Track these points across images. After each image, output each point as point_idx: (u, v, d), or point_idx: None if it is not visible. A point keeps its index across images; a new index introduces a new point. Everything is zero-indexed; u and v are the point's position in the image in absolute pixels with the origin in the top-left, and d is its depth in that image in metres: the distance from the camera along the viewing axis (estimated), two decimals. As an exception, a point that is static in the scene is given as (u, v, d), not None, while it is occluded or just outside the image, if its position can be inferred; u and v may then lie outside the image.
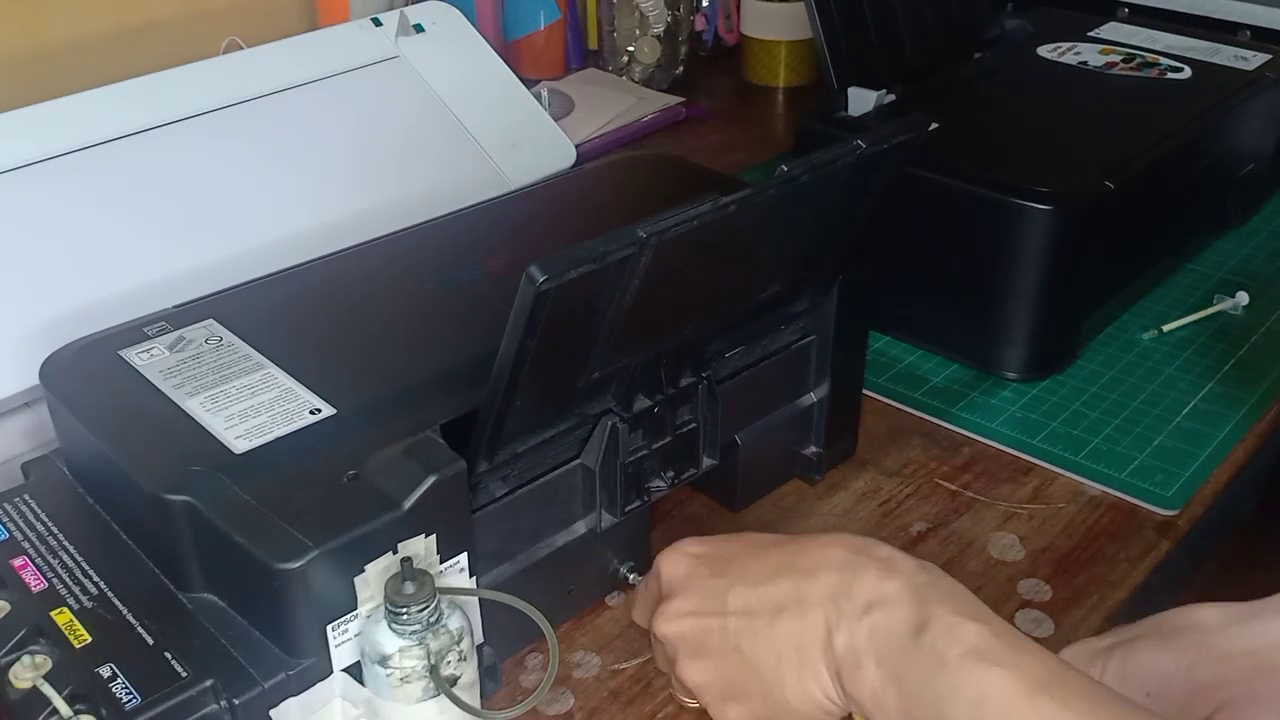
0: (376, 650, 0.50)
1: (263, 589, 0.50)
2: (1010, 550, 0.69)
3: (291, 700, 0.51)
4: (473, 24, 0.99)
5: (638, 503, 0.63)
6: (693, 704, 0.59)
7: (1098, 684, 0.44)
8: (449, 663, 0.50)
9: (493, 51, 0.97)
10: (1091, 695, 0.43)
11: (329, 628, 0.51)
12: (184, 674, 0.50)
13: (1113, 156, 0.83)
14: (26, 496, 0.60)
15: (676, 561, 0.55)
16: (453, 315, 0.64)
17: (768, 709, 0.52)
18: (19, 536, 0.57)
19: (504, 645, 0.61)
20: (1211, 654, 0.52)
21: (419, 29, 0.94)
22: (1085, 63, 1.00)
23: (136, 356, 0.60)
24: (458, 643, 0.51)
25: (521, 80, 0.97)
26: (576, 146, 0.95)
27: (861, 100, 0.89)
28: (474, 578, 0.56)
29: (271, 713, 0.51)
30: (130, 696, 0.49)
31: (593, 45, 1.35)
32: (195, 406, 0.56)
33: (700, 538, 0.56)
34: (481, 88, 0.94)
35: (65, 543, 0.57)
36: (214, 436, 0.55)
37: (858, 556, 0.50)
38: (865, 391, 0.78)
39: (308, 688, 0.51)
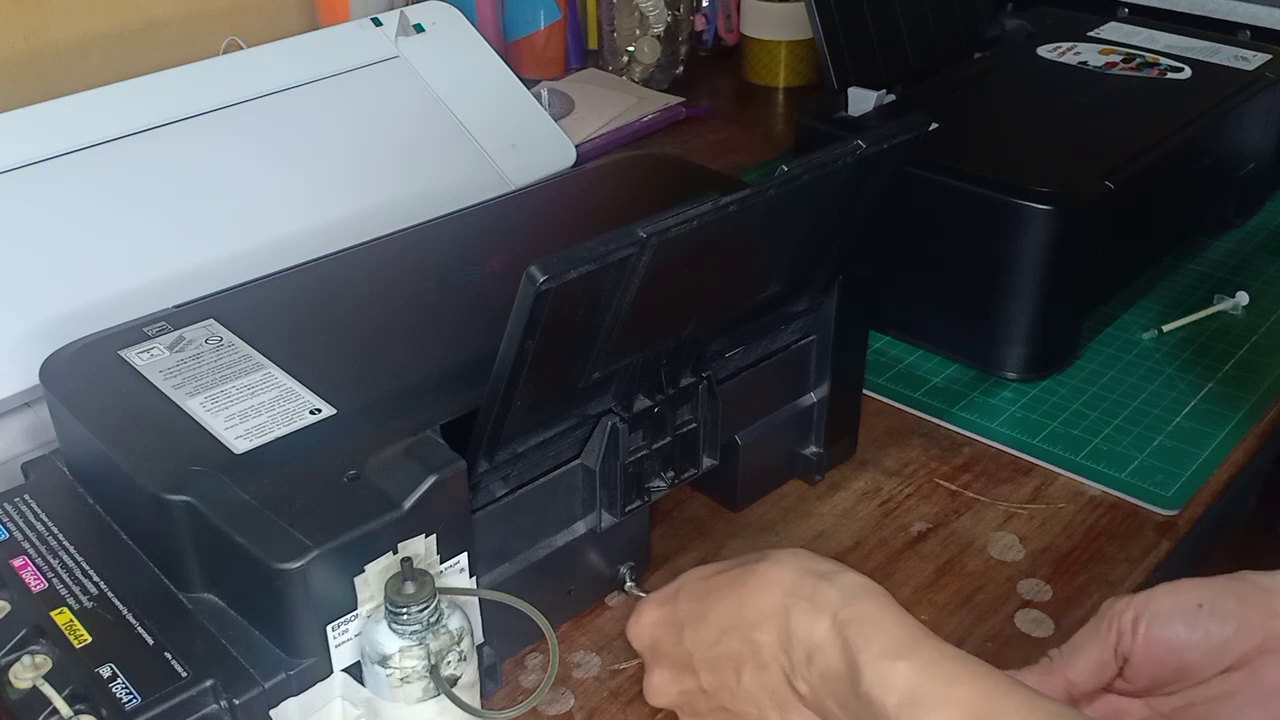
0: (376, 650, 0.50)
1: (263, 589, 0.50)
2: (1010, 550, 0.69)
3: (291, 700, 0.51)
4: (473, 24, 0.99)
5: (638, 503, 0.63)
6: None
7: (1039, 703, 0.44)
8: (449, 663, 0.50)
9: (493, 51, 0.97)
10: (1024, 712, 0.43)
11: (329, 628, 0.51)
12: (184, 674, 0.50)
13: (1113, 156, 0.83)
14: (26, 496, 0.60)
15: (639, 635, 0.56)
16: (453, 315, 0.64)
17: None
18: (19, 536, 0.57)
19: (504, 645, 0.61)
20: (1266, 601, 0.52)
21: (419, 29, 0.94)
22: (1085, 63, 1.00)
23: (136, 356, 0.60)
24: (458, 643, 0.51)
25: (521, 80, 0.97)
26: (576, 146, 0.95)
27: (861, 100, 0.89)
28: (474, 578, 0.56)
29: (271, 713, 0.51)
30: (130, 696, 0.49)
31: (593, 45, 1.35)
32: (195, 406, 0.56)
33: (657, 597, 0.56)
34: (481, 88, 0.94)
35: (65, 543, 0.57)
36: (214, 436, 0.55)
37: (789, 598, 0.49)
38: (865, 391, 0.78)
39: (308, 688, 0.51)
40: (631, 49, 1.28)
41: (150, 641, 0.51)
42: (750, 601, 0.51)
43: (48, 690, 0.49)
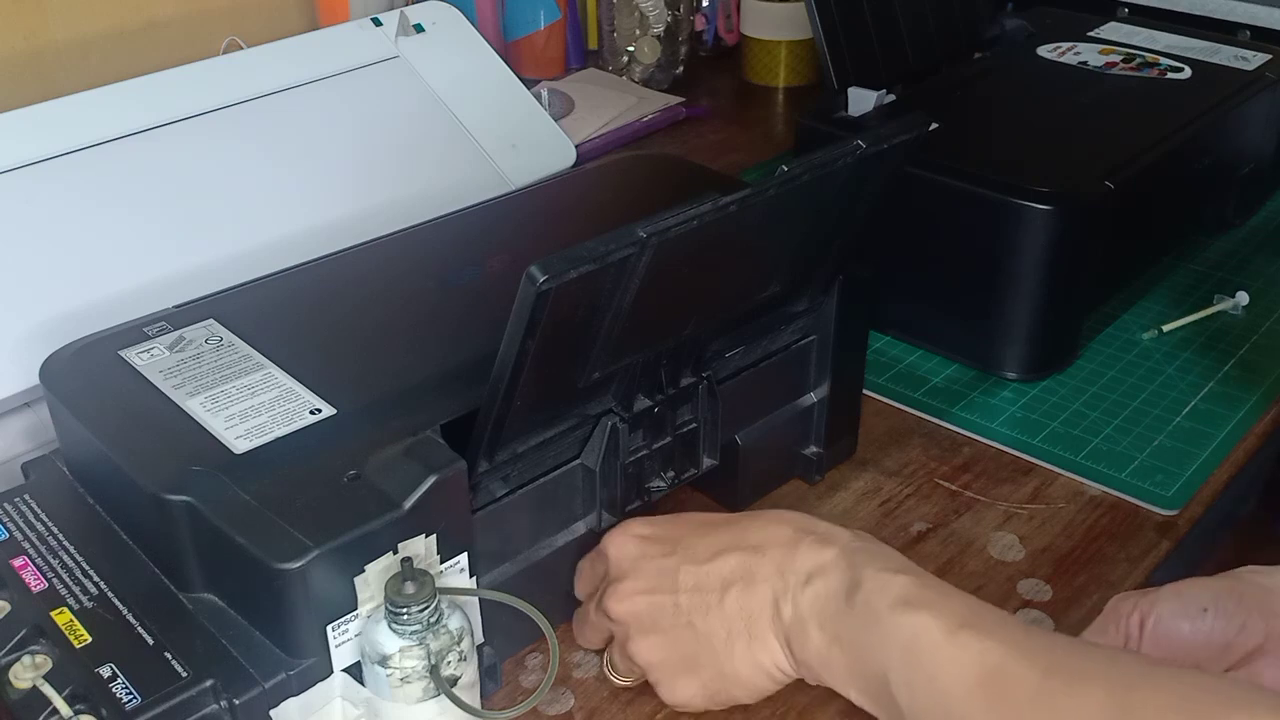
0: (377, 650, 0.50)
1: (263, 589, 0.50)
2: (1010, 550, 0.69)
3: (291, 700, 0.51)
4: (473, 24, 0.99)
5: (638, 503, 0.63)
6: (623, 682, 0.60)
7: (1014, 619, 0.48)
8: (449, 663, 0.50)
9: (493, 51, 0.97)
10: (1008, 625, 0.47)
11: (329, 628, 0.51)
12: (184, 674, 0.50)
13: (1113, 156, 0.83)
14: (26, 496, 0.60)
15: (624, 543, 0.57)
16: (453, 315, 0.64)
17: (718, 681, 0.55)
18: (19, 536, 0.57)
19: (504, 645, 0.60)
20: (1266, 601, 0.53)
21: (419, 29, 0.94)
22: (1085, 63, 1.00)
23: (136, 356, 0.60)
24: (458, 643, 0.51)
25: (521, 80, 0.97)
26: (576, 146, 0.95)
27: (861, 100, 0.89)
28: (474, 578, 0.56)
29: (271, 713, 0.51)
30: (130, 696, 0.49)
31: (593, 45, 1.35)
32: (195, 406, 0.56)
33: (646, 518, 0.59)
34: (481, 88, 0.94)
35: (65, 543, 0.57)
36: (214, 436, 0.55)
37: (798, 532, 0.53)
38: (865, 391, 0.78)
39: (308, 688, 0.51)
40: (631, 49, 1.28)
41: (150, 641, 0.52)
42: (757, 530, 0.55)
43: (48, 690, 0.49)
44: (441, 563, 0.53)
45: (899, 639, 0.48)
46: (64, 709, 0.49)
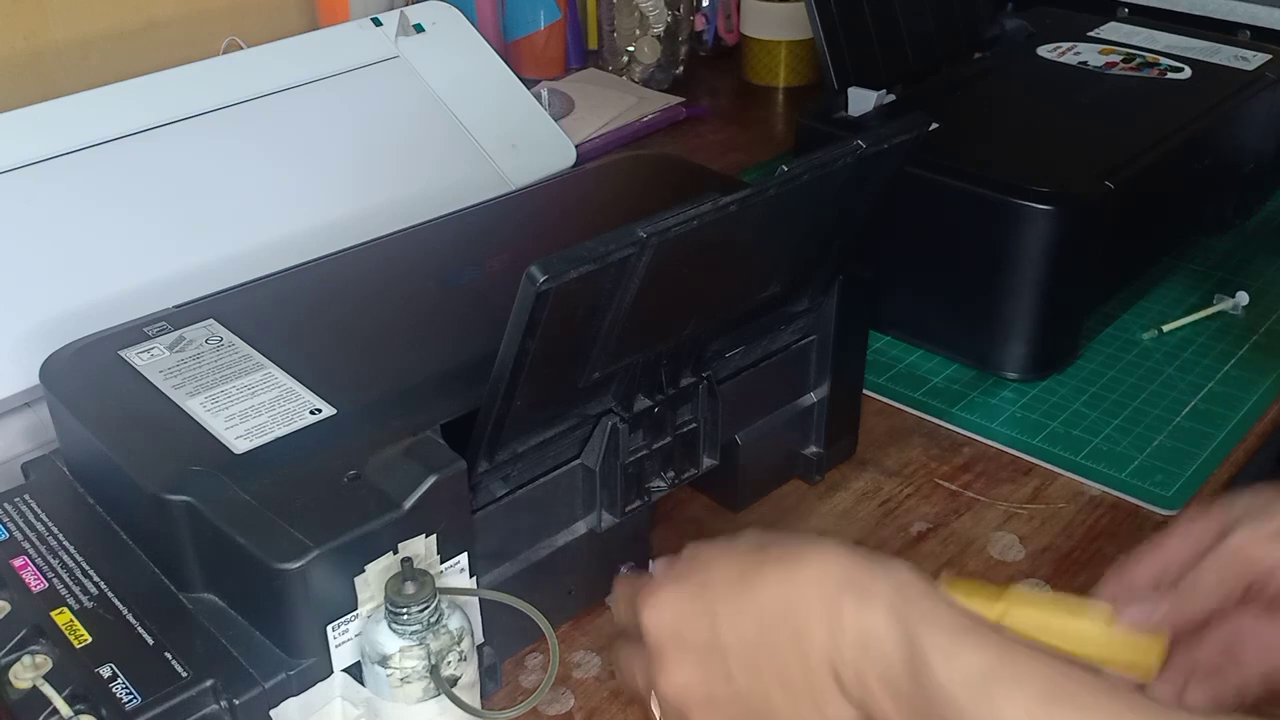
0: (377, 650, 0.50)
1: (263, 589, 0.50)
2: (1010, 550, 0.69)
3: (291, 700, 0.51)
4: (473, 24, 0.99)
5: (638, 503, 0.63)
6: None
7: (1101, 679, 0.43)
8: (449, 663, 0.50)
9: (493, 51, 0.97)
10: (1100, 692, 0.42)
11: (329, 628, 0.51)
12: (184, 674, 0.50)
13: (1113, 156, 0.83)
14: (26, 496, 0.60)
15: (660, 622, 0.51)
16: (453, 315, 0.64)
17: None
18: (19, 536, 0.57)
19: (504, 645, 0.61)
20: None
21: (419, 29, 0.94)
22: (1085, 63, 1.00)
23: (136, 356, 0.60)
24: (458, 643, 0.51)
25: (521, 80, 0.97)
26: (576, 146, 0.95)
27: (861, 100, 0.89)
28: (474, 578, 0.56)
29: (272, 713, 0.51)
30: (130, 696, 0.49)
31: (593, 45, 1.35)
32: (195, 406, 0.56)
33: (669, 583, 0.51)
34: (481, 88, 0.94)
35: (65, 543, 0.57)
36: (214, 436, 0.55)
37: (839, 588, 0.47)
38: (865, 391, 0.78)
39: (308, 688, 0.51)
40: (631, 49, 1.28)
41: (150, 641, 0.51)
42: (798, 592, 0.48)
43: (48, 690, 0.49)
44: (441, 563, 0.53)
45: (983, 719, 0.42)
46: (64, 709, 0.49)
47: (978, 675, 0.42)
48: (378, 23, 0.93)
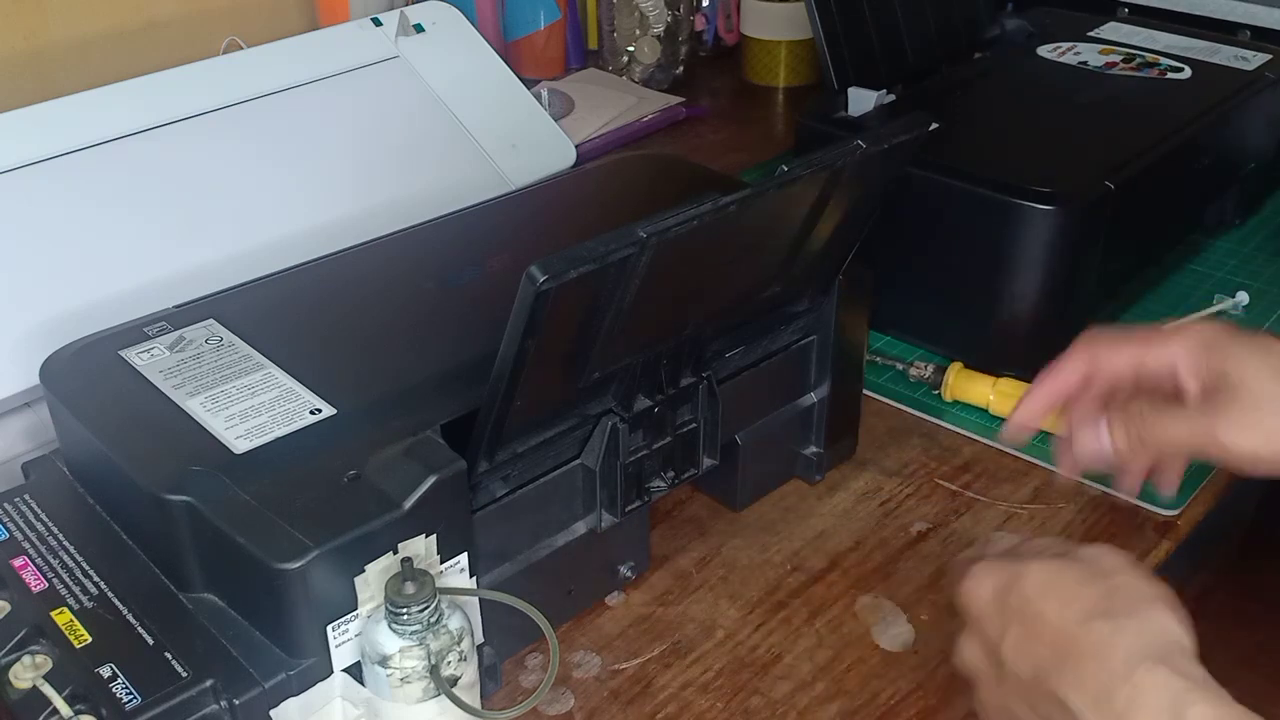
0: (377, 650, 0.50)
1: (263, 589, 0.50)
2: (1010, 550, 0.69)
3: (291, 700, 0.51)
4: (473, 24, 0.99)
5: (638, 503, 0.63)
6: None
7: None
8: (449, 663, 0.50)
9: (493, 51, 0.97)
10: None
11: (329, 628, 0.51)
12: (184, 674, 0.50)
13: (1113, 156, 0.83)
14: (26, 496, 0.60)
15: (972, 601, 0.53)
16: (453, 315, 0.64)
17: None
18: (19, 536, 0.57)
19: (504, 645, 0.61)
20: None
21: (419, 29, 0.94)
22: (1085, 63, 1.00)
23: (136, 356, 0.60)
24: (458, 643, 0.51)
25: (521, 80, 0.97)
26: (576, 146, 0.95)
27: (861, 100, 0.89)
28: (474, 578, 0.56)
29: (272, 713, 0.51)
30: (130, 696, 0.49)
31: (593, 45, 1.35)
32: (195, 406, 0.56)
33: (992, 573, 0.52)
34: (481, 88, 0.94)
35: (65, 543, 0.57)
36: (214, 436, 0.55)
37: (1114, 681, 0.47)
38: (865, 391, 0.78)
39: (308, 688, 0.51)
40: (631, 49, 1.28)
41: (150, 641, 0.51)
42: (1081, 665, 0.48)
43: (48, 690, 0.49)
44: (441, 563, 0.53)
45: None
46: (64, 709, 0.49)
47: None
48: (378, 23, 0.93)
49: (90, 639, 0.52)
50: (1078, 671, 0.48)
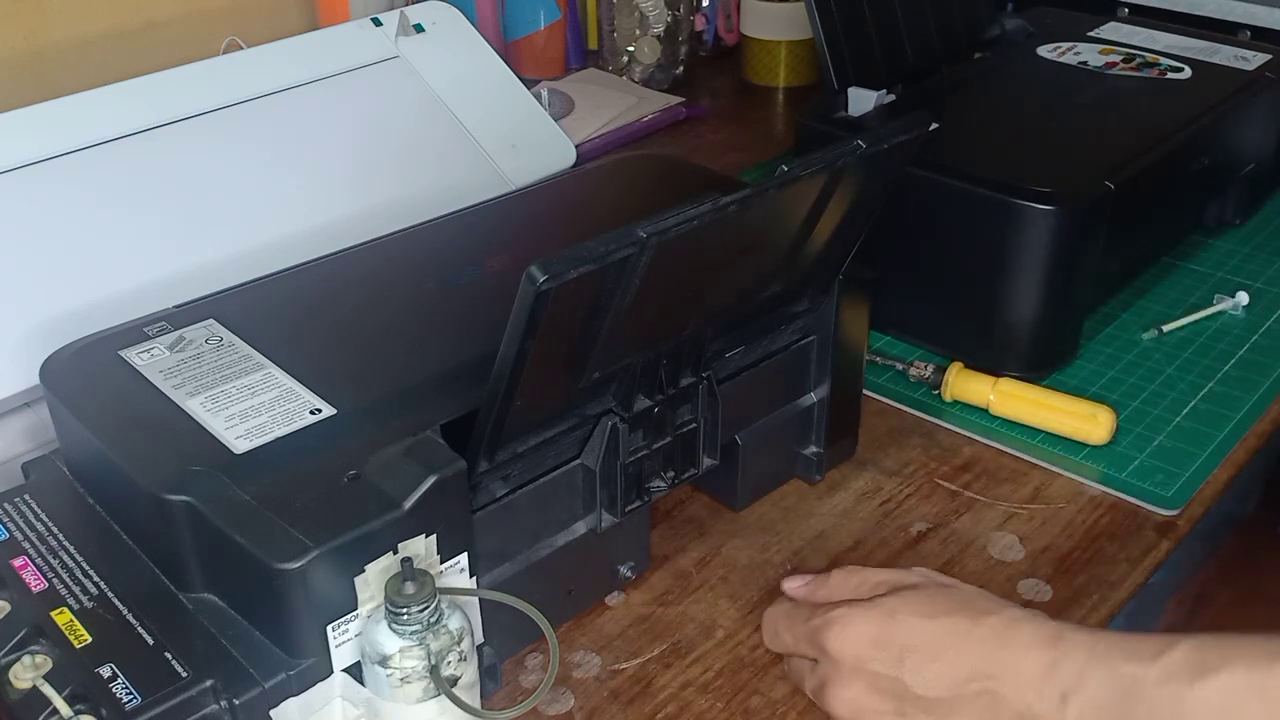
0: (377, 650, 0.50)
1: (263, 589, 0.50)
2: (1010, 550, 0.69)
3: (291, 700, 0.51)
4: (473, 24, 0.99)
5: (638, 503, 0.63)
6: None
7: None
8: (449, 663, 0.50)
9: (493, 51, 0.97)
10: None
11: (329, 628, 0.51)
12: (184, 674, 0.50)
13: (1113, 156, 0.83)
14: (26, 496, 0.60)
15: (845, 646, 0.55)
16: (453, 315, 0.64)
17: None
18: (19, 536, 0.57)
19: (504, 645, 0.61)
20: None
21: (419, 29, 0.94)
22: (1085, 63, 1.00)
23: (137, 356, 0.60)
24: (458, 643, 0.51)
25: (521, 80, 0.97)
26: (576, 146, 0.95)
27: (861, 100, 0.89)
28: (474, 578, 0.56)
29: (271, 713, 0.51)
30: (130, 696, 0.49)
31: (593, 45, 1.35)
32: (195, 406, 0.56)
33: (859, 612, 0.56)
34: (481, 88, 0.94)
35: (65, 543, 0.57)
36: (214, 436, 0.55)
37: (1034, 650, 0.51)
38: (865, 391, 0.78)
39: (308, 688, 0.51)
40: (631, 49, 1.28)
41: (150, 641, 0.52)
42: (989, 653, 0.52)
43: (48, 690, 0.49)
44: (441, 563, 0.53)
45: (1212, 704, 0.46)
46: (64, 709, 0.49)
47: (1194, 668, 0.47)
48: (378, 23, 0.93)
49: (90, 639, 0.52)
50: (1013, 665, 0.51)
